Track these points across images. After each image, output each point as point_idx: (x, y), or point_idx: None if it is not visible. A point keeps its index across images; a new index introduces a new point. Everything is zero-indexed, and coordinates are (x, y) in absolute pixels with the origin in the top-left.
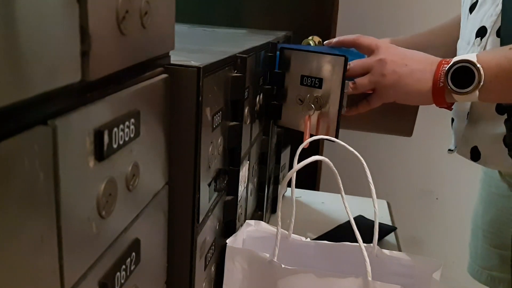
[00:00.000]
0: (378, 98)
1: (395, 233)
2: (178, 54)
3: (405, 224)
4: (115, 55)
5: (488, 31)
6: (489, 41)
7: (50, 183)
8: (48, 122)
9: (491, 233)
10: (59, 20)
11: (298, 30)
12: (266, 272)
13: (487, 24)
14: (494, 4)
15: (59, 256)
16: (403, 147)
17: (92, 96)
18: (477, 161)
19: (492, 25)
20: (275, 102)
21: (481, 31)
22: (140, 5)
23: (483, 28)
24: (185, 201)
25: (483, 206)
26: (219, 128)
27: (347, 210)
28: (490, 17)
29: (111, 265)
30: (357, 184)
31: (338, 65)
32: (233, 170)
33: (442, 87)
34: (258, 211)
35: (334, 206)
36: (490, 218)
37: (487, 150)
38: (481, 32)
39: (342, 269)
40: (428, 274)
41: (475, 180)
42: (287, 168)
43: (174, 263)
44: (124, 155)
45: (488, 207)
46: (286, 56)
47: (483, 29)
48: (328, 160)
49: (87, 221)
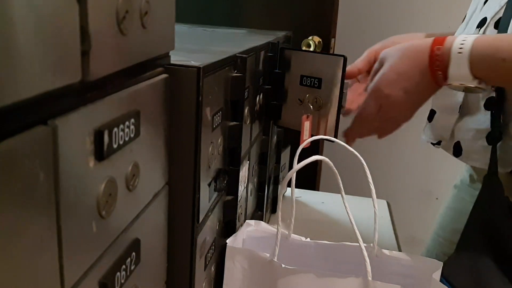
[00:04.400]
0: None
1: (395, 233)
2: (178, 54)
3: (405, 224)
4: (115, 55)
5: (487, 22)
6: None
7: (50, 183)
8: (48, 122)
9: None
10: (59, 20)
11: (298, 30)
12: (266, 272)
13: (489, 15)
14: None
15: (59, 256)
16: (403, 147)
17: (92, 96)
18: (458, 156)
19: (493, 16)
20: (275, 102)
21: (482, 22)
22: (140, 5)
23: (484, 19)
24: (185, 201)
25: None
26: (219, 128)
27: (347, 210)
28: (493, 8)
29: (111, 265)
30: (357, 184)
31: (337, 65)
32: (233, 170)
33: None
34: (258, 211)
35: (334, 206)
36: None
37: (469, 146)
38: (481, 23)
39: (342, 269)
40: (428, 274)
41: None
42: (287, 168)
43: (174, 263)
44: (124, 155)
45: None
46: (286, 56)
47: (483, 20)
48: (328, 160)
49: (87, 221)
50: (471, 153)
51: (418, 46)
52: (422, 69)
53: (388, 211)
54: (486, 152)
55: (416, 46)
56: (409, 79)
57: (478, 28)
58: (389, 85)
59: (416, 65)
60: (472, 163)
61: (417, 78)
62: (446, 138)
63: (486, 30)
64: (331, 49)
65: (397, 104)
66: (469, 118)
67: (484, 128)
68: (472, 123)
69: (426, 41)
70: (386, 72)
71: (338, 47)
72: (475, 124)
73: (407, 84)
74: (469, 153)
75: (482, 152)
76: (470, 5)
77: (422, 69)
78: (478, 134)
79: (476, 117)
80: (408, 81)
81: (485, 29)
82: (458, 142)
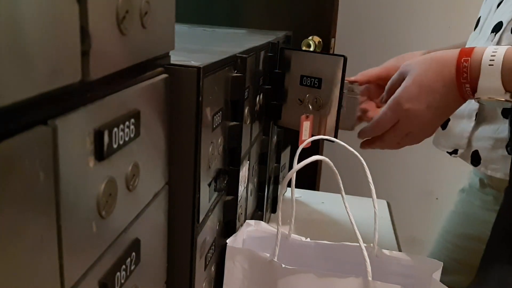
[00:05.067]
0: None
1: (395, 233)
2: (178, 54)
3: (405, 224)
4: (115, 55)
5: (503, 27)
6: (503, 37)
7: (50, 183)
8: (48, 122)
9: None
10: (59, 20)
11: (298, 30)
12: (266, 272)
13: (504, 19)
14: None
15: (59, 256)
16: (403, 147)
17: (92, 96)
18: (477, 166)
19: (510, 20)
20: (275, 102)
21: (497, 27)
22: (140, 5)
23: (500, 23)
24: (185, 201)
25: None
26: (219, 128)
27: (347, 210)
28: (508, 12)
29: (111, 265)
30: (357, 184)
31: (337, 65)
32: (233, 170)
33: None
34: (258, 211)
35: (334, 206)
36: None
37: (488, 155)
38: (497, 27)
39: (342, 269)
40: (428, 274)
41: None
42: (287, 168)
43: (174, 263)
44: (124, 155)
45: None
46: (286, 56)
47: (499, 25)
48: (328, 160)
49: (87, 221)
50: (491, 163)
51: (443, 58)
52: (447, 83)
53: (388, 211)
54: (507, 162)
55: (441, 58)
56: (433, 92)
57: (494, 33)
58: (411, 99)
59: (441, 78)
60: (492, 173)
61: (441, 91)
62: (463, 146)
63: (502, 35)
64: (331, 49)
65: (417, 120)
66: (488, 126)
67: (504, 137)
68: (490, 131)
69: (451, 52)
70: (408, 85)
71: (338, 47)
72: (494, 132)
73: (430, 99)
74: (488, 162)
75: (502, 162)
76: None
77: (447, 83)
78: (498, 143)
79: (495, 125)
80: (432, 95)
81: (502, 34)
82: (476, 151)
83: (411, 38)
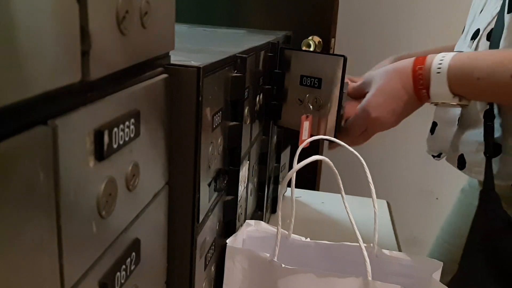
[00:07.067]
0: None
1: (395, 233)
2: (178, 54)
3: (405, 224)
4: (115, 55)
5: (480, 34)
6: (480, 44)
7: (50, 183)
8: (48, 122)
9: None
10: (59, 20)
11: (298, 30)
12: (266, 272)
13: (481, 26)
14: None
15: (59, 256)
16: (403, 147)
17: (92, 96)
18: (462, 169)
19: (485, 27)
20: (275, 102)
21: (475, 34)
22: (140, 5)
23: (477, 30)
24: (185, 201)
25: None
26: (219, 128)
27: (347, 210)
28: (485, 19)
29: (111, 265)
30: (357, 184)
31: (337, 65)
32: (233, 170)
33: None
34: (258, 211)
35: (334, 206)
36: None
37: (473, 159)
38: (475, 34)
39: (342, 269)
40: (428, 274)
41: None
42: (287, 168)
43: (174, 263)
44: (124, 155)
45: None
46: (286, 56)
47: (477, 32)
48: (328, 160)
49: (87, 221)
50: (474, 166)
51: (402, 67)
52: (408, 90)
53: (388, 211)
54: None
55: (401, 67)
56: (397, 100)
57: (472, 40)
58: (377, 108)
59: (402, 86)
60: (475, 176)
61: (404, 98)
62: (446, 150)
63: (479, 42)
64: (331, 49)
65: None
66: (472, 131)
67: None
68: (474, 135)
69: (407, 61)
70: (373, 95)
71: (338, 47)
72: (477, 136)
73: (394, 106)
74: (472, 166)
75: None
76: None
77: (408, 90)
78: (480, 147)
79: (479, 129)
80: (396, 102)
81: (478, 41)
82: (462, 155)
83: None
